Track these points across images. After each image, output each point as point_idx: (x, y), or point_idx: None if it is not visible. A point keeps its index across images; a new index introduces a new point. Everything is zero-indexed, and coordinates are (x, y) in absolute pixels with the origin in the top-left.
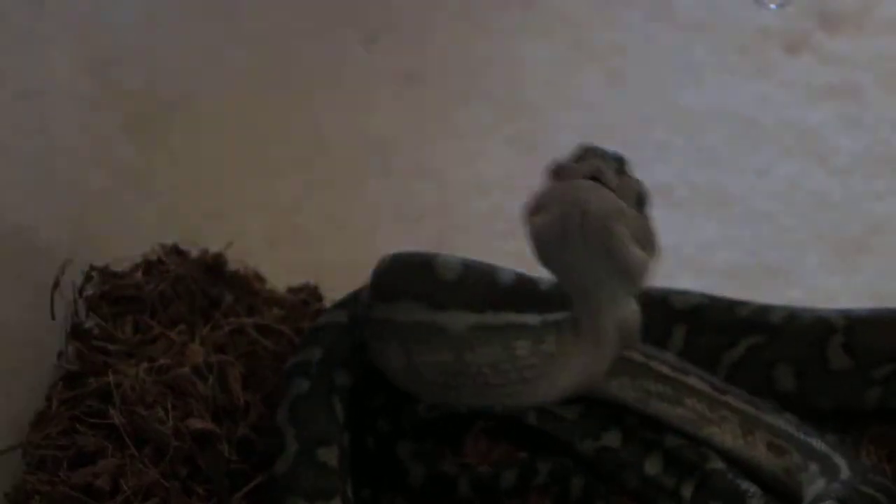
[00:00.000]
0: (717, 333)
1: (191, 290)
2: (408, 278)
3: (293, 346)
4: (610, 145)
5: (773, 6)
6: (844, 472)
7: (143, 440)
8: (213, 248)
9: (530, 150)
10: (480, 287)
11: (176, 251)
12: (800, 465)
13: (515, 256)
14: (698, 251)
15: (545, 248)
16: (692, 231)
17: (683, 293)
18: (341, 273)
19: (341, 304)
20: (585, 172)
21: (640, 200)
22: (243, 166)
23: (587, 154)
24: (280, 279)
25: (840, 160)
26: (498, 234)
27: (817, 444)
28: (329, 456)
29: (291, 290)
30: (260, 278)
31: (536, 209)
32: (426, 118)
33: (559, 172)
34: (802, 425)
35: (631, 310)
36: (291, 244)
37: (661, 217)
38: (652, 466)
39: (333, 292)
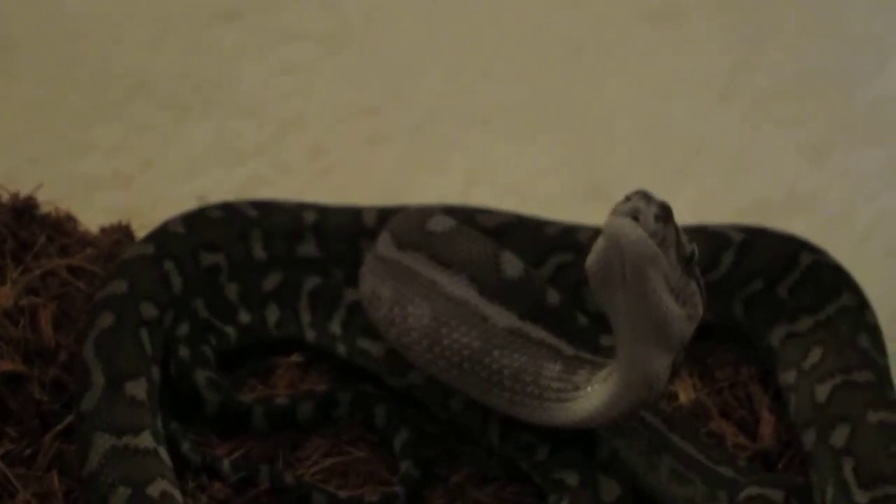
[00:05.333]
0: (525, 252)
1: (0, 233)
2: (470, 256)
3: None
4: (433, 74)
5: None
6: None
7: None
8: (26, 192)
9: (352, 86)
10: (531, 296)
11: None
12: (706, 494)
13: (335, 192)
14: (522, 177)
15: (592, 282)
16: (516, 157)
17: (490, 212)
18: (158, 214)
19: (148, 238)
20: (625, 211)
21: (685, 257)
22: (60, 110)
23: (633, 196)
24: (97, 222)
25: (664, 84)
26: (318, 172)
27: (726, 471)
28: (137, 389)
29: (104, 231)
30: (72, 220)
31: (592, 250)
32: (245, 57)
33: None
34: (715, 449)
35: (664, 367)
36: (109, 187)
37: (484, 145)
38: (456, 403)
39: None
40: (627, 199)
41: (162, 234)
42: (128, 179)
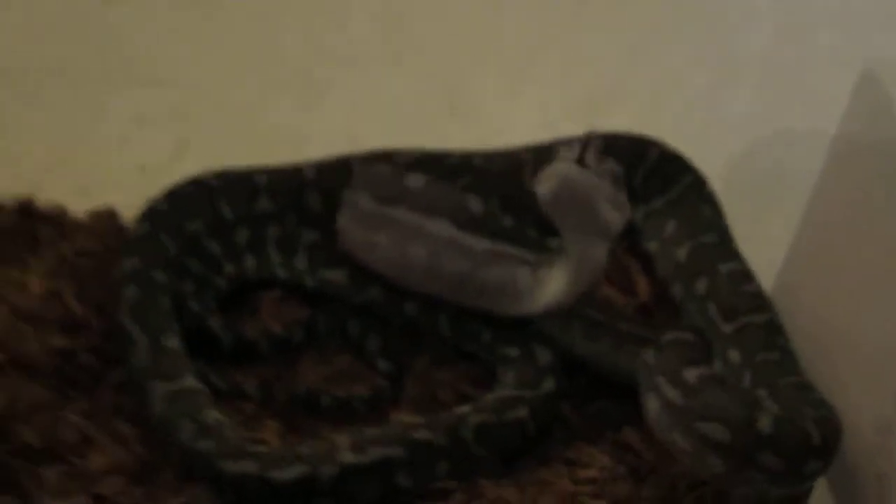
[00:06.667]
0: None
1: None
2: (444, 202)
3: (108, 260)
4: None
5: None
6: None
7: (18, 364)
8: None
9: (255, 59)
10: (493, 223)
11: None
12: (612, 346)
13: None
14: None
15: (547, 210)
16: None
17: (401, 151)
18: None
19: (143, 218)
20: (573, 157)
21: (614, 178)
22: None
23: (577, 142)
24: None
25: None
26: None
27: (623, 326)
28: (172, 342)
29: (91, 216)
30: (62, 210)
31: (542, 181)
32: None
33: (557, 154)
34: (610, 310)
35: (605, 256)
36: (58, 172)
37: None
38: (411, 308)
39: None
40: (571, 144)
41: (152, 214)
42: (72, 161)
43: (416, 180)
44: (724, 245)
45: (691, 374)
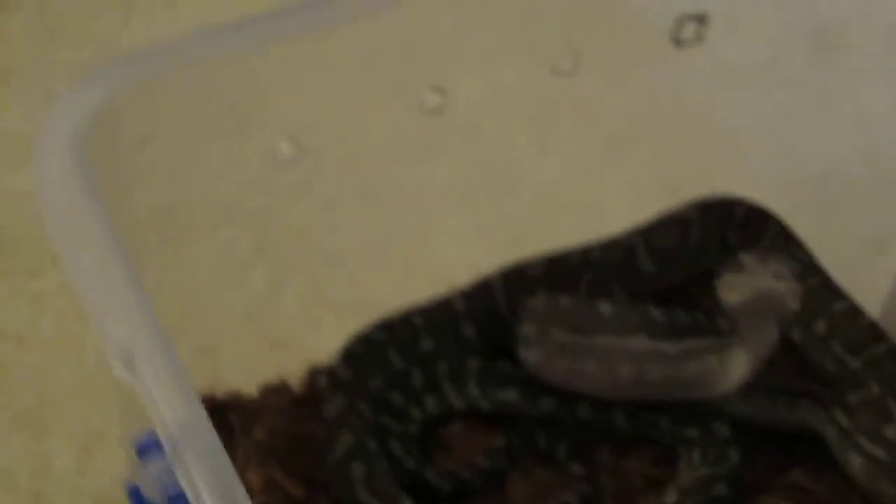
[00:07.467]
0: (563, 280)
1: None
2: (635, 320)
3: (299, 434)
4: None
5: None
6: None
7: None
8: None
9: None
10: (675, 324)
11: None
12: (766, 402)
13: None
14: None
15: (733, 314)
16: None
17: (530, 262)
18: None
19: (333, 389)
20: (772, 273)
21: (793, 272)
22: None
23: (762, 259)
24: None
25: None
26: None
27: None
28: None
29: (264, 390)
30: (237, 393)
31: (729, 290)
32: None
33: (744, 266)
34: None
35: (777, 331)
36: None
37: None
38: (583, 411)
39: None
40: (763, 260)
41: (338, 383)
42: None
43: (605, 307)
44: (829, 286)
45: (889, 431)
